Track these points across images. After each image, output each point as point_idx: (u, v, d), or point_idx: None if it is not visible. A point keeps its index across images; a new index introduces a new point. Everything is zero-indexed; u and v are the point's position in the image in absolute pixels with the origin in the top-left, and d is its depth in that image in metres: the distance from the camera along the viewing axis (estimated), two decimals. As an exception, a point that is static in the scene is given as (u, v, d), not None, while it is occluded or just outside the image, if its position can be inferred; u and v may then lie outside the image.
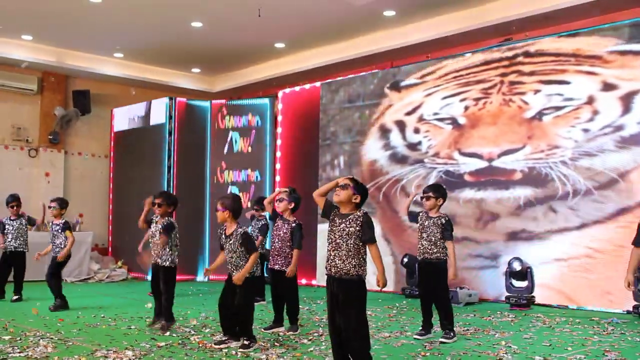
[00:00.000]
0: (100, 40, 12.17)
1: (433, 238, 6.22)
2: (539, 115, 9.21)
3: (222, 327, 5.83)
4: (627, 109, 8.46)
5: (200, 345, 5.68)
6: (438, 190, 6.41)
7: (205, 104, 13.16)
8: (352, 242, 4.36)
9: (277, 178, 12.53)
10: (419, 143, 10.53)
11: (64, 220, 8.32)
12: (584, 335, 6.40)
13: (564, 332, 6.60)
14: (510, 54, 9.64)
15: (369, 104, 11.38)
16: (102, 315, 7.49)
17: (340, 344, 4.41)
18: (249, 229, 8.25)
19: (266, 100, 12.89)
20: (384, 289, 4.52)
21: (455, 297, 8.73)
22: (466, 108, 10.00)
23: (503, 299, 8.80)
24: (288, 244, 6.60)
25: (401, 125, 10.83)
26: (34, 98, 13.34)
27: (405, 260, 9.71)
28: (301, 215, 7.00)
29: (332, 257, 4.42)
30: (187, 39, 11.93)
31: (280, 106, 12.77)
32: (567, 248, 8.80)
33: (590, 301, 8.41)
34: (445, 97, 10.28)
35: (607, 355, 5.31)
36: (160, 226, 6.62)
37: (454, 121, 10.12)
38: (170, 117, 12.68)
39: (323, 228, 11.41)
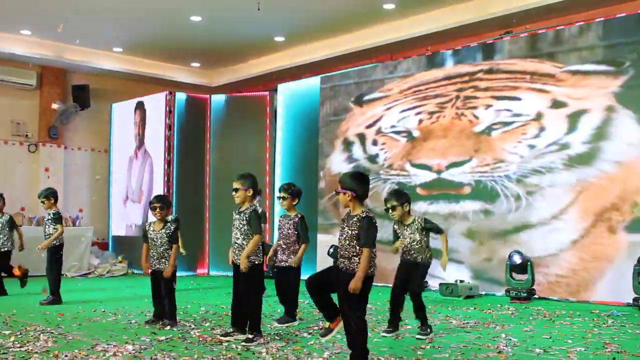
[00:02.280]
0: (99, 34, 12.14)
1: (417, 246, 5.97)
2: (488, 129, 9.50)
3: (231, 318, 5.83)
4: (573, 127, 8.70)
5: (201, 339, 5.67)
6: (400, 196, 6.07)
7: (205, 96, 13.17)
8: (353, 244, 4.41)
9: (277, 170, 12.48)
10: (377, 155, 10.87)
11: (54, 211, 8.27)
12: (584, 327, 6.40)
13: (564, 324, 6.59)
14: (475, 69, 9.85)
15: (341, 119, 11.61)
16: (103, 310, 7.49)
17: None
18: None
19: (266, 93, 12.91)
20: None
21: (455, 290, 8.75)
22: (420, 121, 10.33)
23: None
24: (293, 239, 6.60)
25: (362, 138, 11.18)
26: (33, 93, 13.32)
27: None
28: (303, 212, 6.95)
29: (339, 255, 4.51)
30: (186, 33, 11.90)
31: (280, 99, 12.73)
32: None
33: (591, 294, 8.42)
34: (403, 111, 10.61)
35: (607, 348, 5.31)
36: (164, 232, 6.50)
37: (408, 134, 10.45)
38: (170, 112, 12.66)
39: (322, 239, 11.45)
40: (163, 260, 6.48)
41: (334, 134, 11.71)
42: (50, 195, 8.35)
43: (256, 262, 5.67)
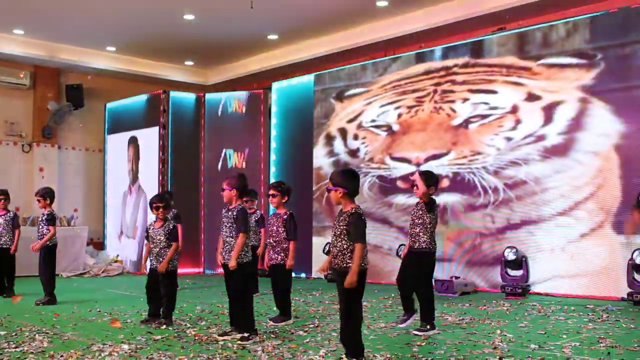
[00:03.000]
0: (92, 33, 12.10)
1: (418, 226, 5.95)
2: (466, 122, 9.66)
3: (229, 317, 5.84)
4: (549, 119, 8.83)
5: (197, 337, 5.67)
6: (429, 178, 6.01)
7: (199, 94, 13.14)
8: (343, 239, 4.45)
9: (272, 169, 12.47)
10: (358, 149, 11.04)
11: (48, 212, 8.22)
12: (578, 323, 6.42)
13: (559, 320, 6.62)
14: (450, 63, 9.97)
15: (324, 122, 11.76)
16: (98, 310, 7.48)
17: None
18: None
19: (260, 91, 12.89)
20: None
21: (450, 287, 8.77)
22: (400, 115, 10.48)
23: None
24: (282, 236, 6.59)
25: (343, 132, 11.33)
26: (27, 93, 13.27)
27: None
28: (298, 211, 6.97)
29: (333, 252, 4.55)
30: (179, 32, 11.87)
31: (274, 97, 12.71)
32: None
33: (586, 289, 8.44)
34: (382, 105, 10.76)
35: (601, 343, 5.33)
36: (163, 230, 6.51)
37: (388, 128, 10.62)
38: (164, 111, 12.63)
39: (316, 241, 11.46)
40: (161, 258, 6.48)
41: (325, 135, 11.75)
42: (46, 195, 8.31)
43: (244, 261, 5.65)
